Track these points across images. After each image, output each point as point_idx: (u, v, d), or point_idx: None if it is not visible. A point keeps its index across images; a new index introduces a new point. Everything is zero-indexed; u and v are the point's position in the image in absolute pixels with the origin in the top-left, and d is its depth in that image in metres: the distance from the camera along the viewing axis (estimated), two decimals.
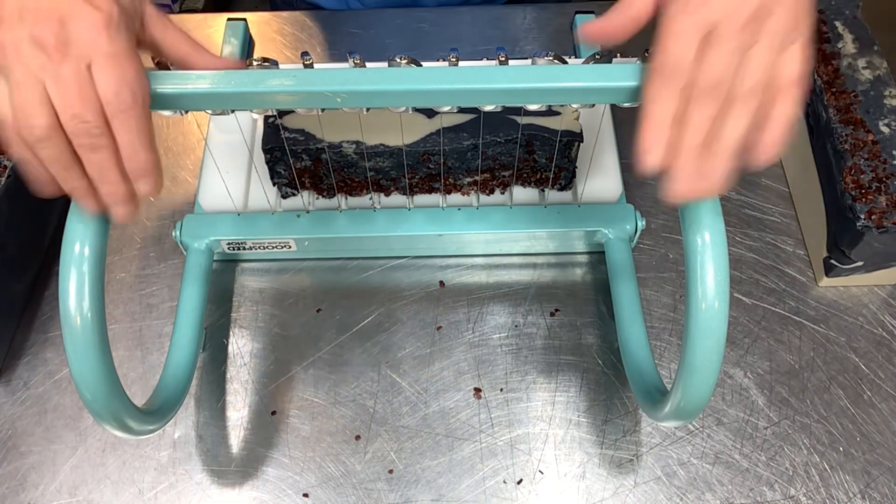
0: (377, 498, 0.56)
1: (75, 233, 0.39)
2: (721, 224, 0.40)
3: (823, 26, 0.69)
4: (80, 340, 0.39)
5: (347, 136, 0.61)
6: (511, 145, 0.61)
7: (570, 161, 0.63)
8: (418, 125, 0.62)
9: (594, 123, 0.68)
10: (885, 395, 0.61)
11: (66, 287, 0.38)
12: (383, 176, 0.64)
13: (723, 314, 0.40)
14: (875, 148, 0.61)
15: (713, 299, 0.40)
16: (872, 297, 0.66)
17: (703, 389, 0.43)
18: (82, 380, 0.41)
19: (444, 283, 0.66)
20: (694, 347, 0.41)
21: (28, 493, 0.57)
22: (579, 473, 0.57)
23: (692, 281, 0.40)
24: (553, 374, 0.62)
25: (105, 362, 0.41)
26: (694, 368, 0.42)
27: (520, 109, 0.62)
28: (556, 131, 0.60)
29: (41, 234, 0.67)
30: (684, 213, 0.41)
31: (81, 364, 0.40)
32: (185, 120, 0.76)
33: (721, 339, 0.41)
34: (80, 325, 0.39)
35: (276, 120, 0.61)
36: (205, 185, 0.66)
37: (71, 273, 0.38)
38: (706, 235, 0.40)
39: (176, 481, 0.57)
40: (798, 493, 0.57)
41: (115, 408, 0.43)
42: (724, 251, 0.39)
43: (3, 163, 0.61)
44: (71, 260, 0.38)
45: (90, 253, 0.39)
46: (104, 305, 0.40)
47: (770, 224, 0.70)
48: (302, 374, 0.62)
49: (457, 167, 0.63)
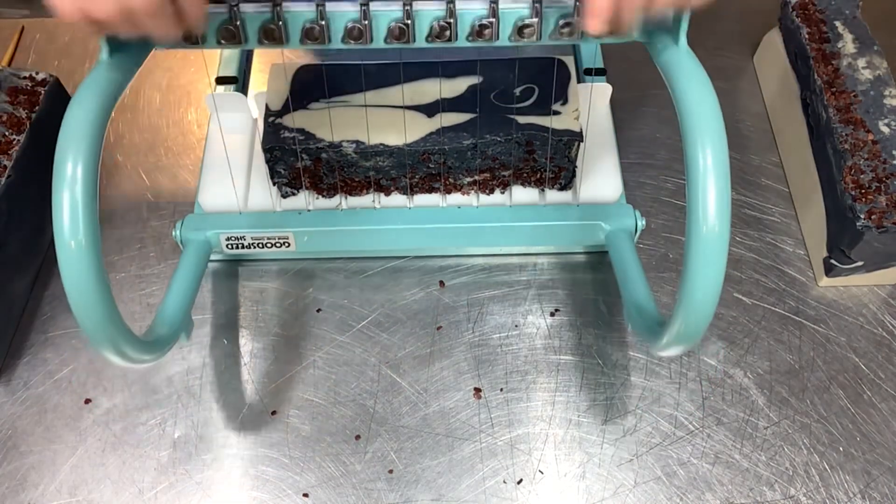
0: (377, 498, 0.56)
1: (66, 153, 0.38)
2: (724, 144, 0.39)
3: (823, 26, 0.69)
4: (76, 265, 0.38)
5: (347, 136, 0.61)
6: (511, 145, 0.61)
7: (570, 161, 0.63)
8: (418, 124, 0.62)
9: (594, 123, 0.68)
10: (885, 395, 0.61)
11: (60, 211, 0.37)
12: (383, 176, 0.64)
13: (724, 237, 0.39)
14: (875, 148, 0.61)
15: (714, 222, 0.39)
16: (872, 297, 0.66)
17: (703, 313, 0.42)
18: (79, 305, 0.40)
19: (443, 283, 0.66)
20: (695, 271, 0.41)
21: (28, 493, 0.57)
22: (579, 473, 0.57)
23: (693, 203, 0.39)
24: (553, 374, 0.62)
25: (101, 287, 0.40)
26: (695, 292, 0.41)
27: (520, 109, 0.62)
28: (557, 131, 0.60)
29: (41, 234, 0.67)
30: (686, 132, 0.40)
31: (77, 289, 0.39)
32: (185, 120, 0.76)
33: (721, 263, 0.40)
34: (75, 248, 0.38)
35: (275, 119, 0.62)
36: (205, 185, 0.66)
37: (64, 196, 0.37)
38: (708, 156, 0.39)
39: (176, 481, 0.57)
40: (798, 493, 0.57)
41: (111, 333, 0.42)
42: (725, 172, 0.39)
43: (3, 163, 0.61)
44: (63, 182, 0.37)
45: (82, 174, 0.38)
46: (98, 228, 0.39)
47: (770, 224, 0.70)
48: (302, 374, 0.62)
49: (457, 167, 0.63)
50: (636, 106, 0.76)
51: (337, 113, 0.62)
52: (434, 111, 0.62)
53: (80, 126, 0.39)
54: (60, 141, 0.39)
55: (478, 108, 0.62)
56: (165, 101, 0.78)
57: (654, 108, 0.77)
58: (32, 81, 0.67)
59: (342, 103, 0.63)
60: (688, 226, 0.40)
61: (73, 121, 0.39)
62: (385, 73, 0.65)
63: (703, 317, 0.43)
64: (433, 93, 0.63)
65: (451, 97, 0.63)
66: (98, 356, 0.62)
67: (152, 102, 0.78)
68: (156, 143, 0.75)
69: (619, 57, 0.74)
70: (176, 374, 0.62)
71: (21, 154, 0.62)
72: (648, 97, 0.77)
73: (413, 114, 0.62)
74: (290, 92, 0.63)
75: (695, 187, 0.39)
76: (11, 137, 0.63)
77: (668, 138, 0.75)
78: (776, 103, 0.76)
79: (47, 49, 0.82)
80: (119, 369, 0.62)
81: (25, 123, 0.64)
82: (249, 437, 0.59)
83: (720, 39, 0.83)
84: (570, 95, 0.63)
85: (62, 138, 0.39)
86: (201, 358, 0.62)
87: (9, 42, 0.82)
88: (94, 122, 0.40)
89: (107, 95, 0.41)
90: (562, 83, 0.64)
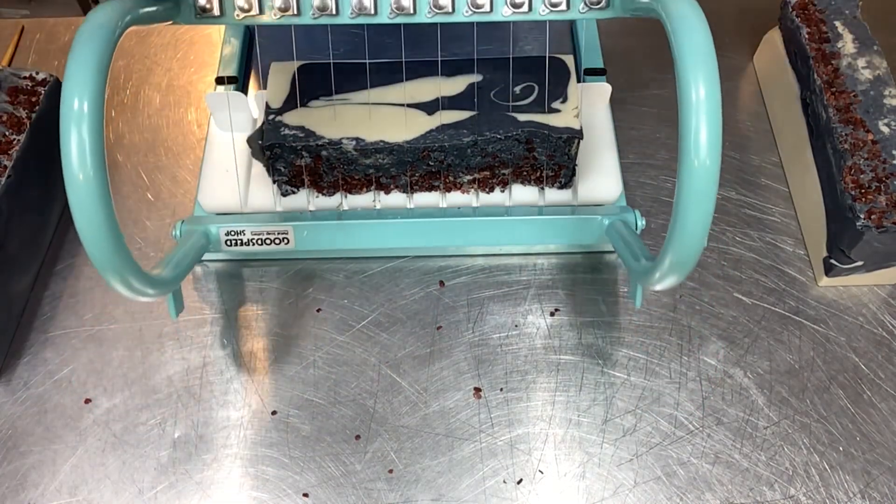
0: (377, 498, 0.56)
1: (73, 91, 0.39)
2: (716, 80, 0.40)
3: (823, 26, 0.69)
4: (84, 197, 0.40)
5: (348, 133, 0.61)
6: (511, 142, 0.61)
7: (571, 158, 0.63)
8: (418, 122, 0.62)
9: (594, 124, 0.68)
10: (885, 395, 0.61)
11: (68, 146, 0.39)
12: (383, 173, 0.64)
13: (714, 171, 0.40)
14: (875, 148, 0.61)
15: (705, 157, 0.40)
16: (872, 297, 0.66)
17: (694, 243, 0.44)
18: (87, 235, 0.42)
19: (443, 283, 0.66)
20: (686, 203, 0.42)
21: (28, 493, 0.57)
22: (579, 473, 0.57)
23: (686, 138, 0.40)
24: (553, 374, 0.62)
25: (108, 217, 0.41)
26: (686, 223, 0.43)
27: (520, 107, 0.62)
28: (557, 128, 0.60)
29: (41, 234, 0.67)
30: (679, 67, 0.41)
31: (86, 219, 0.41)
32: (185, 120, 0.76)
33: (712, 195, 0.41)
34: (83, 181, 0.40)
35: (276, 117, 0.62)
36: (205, 185, 0.66)
37: (71, 133, 0.39)
38: (701, 90, 0.40)
39: (176, 481, 0.57)
40: (798, 492, 0.57)
41: (117, 263, 0.44)
42: (717, 108, 0.39)
43: (3, 163, 0.61)
44: (71, 119, 0.39)
45: (89, 110, 0.39)
46: (105, 163, 0.40)
47: (770, 224, 0.70)
48: (302, 374, 0.62)
49: (457, 164, 0.63)
50: (636, 106, 0.76)
51: (337, 110, 0.62)
52: (434, 109, 0.63)
53: (86, 64, 0.40)
54: (66, 79, 0.39)
55: (478, 107, 0.62)
56: (165, 101, 0.78)
57: (654, 108, 0.77)
58: (32, 81, 0.67)
59: (342, 101, 0.63)
60: (679, 160, 0.41)
61: (79, 58, 0.40)
62: (385, 72, 0.65)
63: (694, 247, 0.44)
64: (433, 91, 0.64)
65: (451, 95, 0.63)
66: (98, 356, 0.63)
67: (152, 102, 0.78)
68: (156, 143, 0.75)
69: (619, 57, 0.74)
70: (176, 374, 0.62)
71: (21, 154, 0.62)
72: (648, 97, 0.77)
73: (413, 111, 0.62)
74: (290, 91, 0.64)
75: (687, 123, 0.40)
76: (11, 137, 0.63)
77: (669, 138, 0.75)
78: (776, 103, 0.76)
79: (47, 49, 0.82)
80: (119, 369, 0.62)
81: (25, 123, 0.64)
82: (249, 437, 0.59)
83: (720, 39, 0.82)
84: (570, 94, 0.63)
85: (68, 77, 0.39)
86: (201, 358, 0.62)
87: (9, 42, 0.82)
88: (98, 60, 0.40)
89: (110, 32, 0.42)
90: (561, 81, 0.64)
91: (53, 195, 0.69)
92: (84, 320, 0.64)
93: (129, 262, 0.45)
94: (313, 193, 0.65)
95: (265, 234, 0.64)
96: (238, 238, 0.64)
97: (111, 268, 0.44)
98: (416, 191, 0.66)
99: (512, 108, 0.62)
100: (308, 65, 0.65)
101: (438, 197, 0.66)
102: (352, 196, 0.66)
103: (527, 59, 0.65)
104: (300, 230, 0.64)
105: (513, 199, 0.66)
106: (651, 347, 0.63)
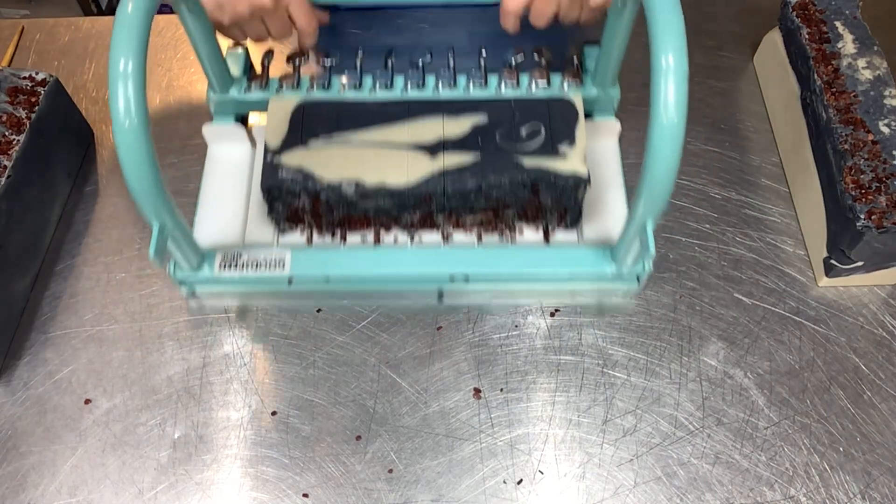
0: (377, 498, 0.56)
1: (119, 52, 0.45)
2: (684, 47, 0.45)
3: (823, 26, 0.69)
4: (130, 141, 0.46)
5: (347, 176, 0.60)
6: (516, 187, 0.60)
7: (577, 202, 0.62)
8: (420, 164, 0.60)
9: (602, 161, 0.67)
10: (885, 395, 0.61)
11: (116, 100, 0.45)
12: (384, 214, 0.62)
13: (681, 127, 0.46)
14: (875, 148, 0.61)
15: (673, 114, 0.45)
16: (872, 297, 0.66)
17: (662, 191, 0.49)
18: (132, 174, 0.48)
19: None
20: (655, 153, 0.47)
21: (28, 493, 0.57)
22: (579, 473, 0.57)
23: (655, 98, 0.45)
24: (553, 374, 0.62)
25: (150, 159, 0.48)
26: (655, 171, 0.48)
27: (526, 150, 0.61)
28: (563, 175, 0.59)
29: (41, 234, 0.67)
30: (653, 38, 0.45)
31: (130, 160, 0.47)
32: (185, 119, 0.76)
33: (678, 148, 0.46)
34: (129, 127, 0.46)
35: (274, 158, 0.60)
36: (201, 221, 0.65)
37: (119, 88, 0.45)
38: (670, 58, 0.44)
39: (176, 481, 0.57)
40: (798, 493, 0.57)
41: (154, 196, 0.50)
42: (684, 72, 0.45)
43: (3, 163, 0.61)
44: (118, 77, 0.45)
45: (133, 69, 0.45)
46: (146, 112, 0.46)
47: (770, 224, 0.70)
48: (302, 374, 0.62)
49: (459, 207, 0.61)
50: (636, 106, 0.76)
51: (337, 152, 0.61)
52: (437, 151, 0.61)
53: (130, 27, 0.45)
54: (113, 42, 0.45)
55: (482, 150, 0.61)
56: (165, 101, 0.78)
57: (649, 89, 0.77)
58: (32, 81, 0.67)
59: (342, 142, 0.61)
60: (650, 118, 0.46)
61: (123, 22, 0.45)
62: (387, 111, 0.63)
63: (662, 193, 0.50)
64: (436, 132, 0.62)
65: (455, 137, 0.62)
66: (98, 356, 0.63)
67: (152, 102, 0.78)
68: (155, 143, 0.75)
69: None
70: (176, 374, 0.62)
71: (21, 154, 0.62)
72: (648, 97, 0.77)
73: (415, 153, 0.61)
74: (289, 128, 0.62)
75: (657, 85, 0.45)
76: (11, 137, 0.63)
77: None
78: (776, 103, 0.76)
79: (47, 49, 0.82)
80: (119, 369, 0.62)
81: (25, 123, 0.64)
82: (249, 437, 0.59)
83: (720, 39, 0.83)
84: (578, 136, 0.61)
85: (115, 39, 0.45)
86: (201, 358, 0.62)
87: (9, 42, 0.82)
88: (140, 23, 0.46)
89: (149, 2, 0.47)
90: (568, 123, 0.62)
91: (53, 195, 0.69)
92: (84, 320, 0.64)
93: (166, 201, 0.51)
94: (312, 232, 0.65)
95: (261, 259, 0.61)
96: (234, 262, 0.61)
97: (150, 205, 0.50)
98: (417, 230, 0.64)
99: (517, 152, 0.61)
100: (307, 103, 0.64)
101: (440, 238, 0.65)
102: (351, 235, 0.64)
103: (533, 100, 0.63)
104: (297, 259, 0.61)
105: (516, 240, 0.65)
106: (651, 348, 0.63)
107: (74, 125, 0.72)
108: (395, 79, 0.68)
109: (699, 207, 0.71)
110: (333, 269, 0.61)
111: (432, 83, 0.68)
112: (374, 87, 0.67)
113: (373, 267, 0.61)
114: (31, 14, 1.68)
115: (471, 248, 0.63)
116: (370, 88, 0.67)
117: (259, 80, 0.68)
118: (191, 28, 0.59)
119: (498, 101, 0.64)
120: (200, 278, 0.61)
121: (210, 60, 0.64)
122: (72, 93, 0.73)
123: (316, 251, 0.62)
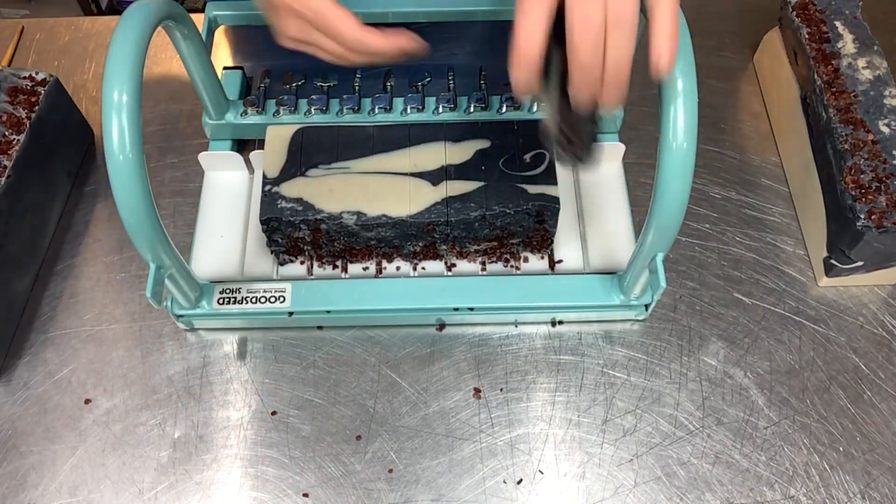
0: (377, 498, 0.56)
1: (112, 83, 0.44)
2: (693, 72, 0.44)
3: (823, 26, 0.69)
4: (123, 174, 0.45)
5: (348, 206, 0.59)
6: (521, 215, 0.59)
7: None
8: (423, 193, 0.59)
9: (606, 185, 0.67)
10: (885, 395, 0.61)
11: (109, 132, 0.44)
12: (386, 244, 0.61)
13: (691, 153, 0.45)
14: (875, 148, 0.61)
15: (683, 140, 0.44)
16: (872, 297, 0.66)
17: (672, 219, 0.49)
18: (125, 208, 0.47)
19: None
20: (665, 181, 0.47)
21: (28, 493, 0.57)
22: (579, 473, 0.57)
23: (665, 124, 0.45)
24: (553, 375, 0.62)
25: (144, 193, 0.47)
26: (665, 199, 0.47)
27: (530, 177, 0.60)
28: None
29: (41, 234, 0.67)
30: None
31: (124, 193, 0.46)
32: (184, 119, 0.76)
33: (688, 175, 0.46)
34: (123, 161, 0.45)
35: (272, 188, 0.59)
36: (198, 251, 0.65)
37: (112, 120, 0.44)
38: (679, 83, 0.44)
39: (176, 481, 0.57)
40: (798, 493, 0.57)
41: (151, 235, 0.49)
42: (693, 98, 0.44)
43: (3, 163, 0.61)
44: (111, 108, 0.44)
45: (127, 100, 0.44)
46: (141, 144, 0.45)
47: (770, 224, 0.70)
48: (302, 374, 0.62)
49: (463, 236, 0.61)
50: (636, 106, 0.76)
51: (337, 181, 0.60)
52: (439, 179, 0.60)
53: (123, 59, 0.44)
54: (106, 74, 0.44)
55: (485, 176, 0.60)
56: (165, 101, 0.78)
57: (653, 108, 0.77)
58: (32, 81, 0.67)
59: (342, 170, 0.60)
60: (660, 144, 0.45)
61: (117, 54, 0.44)
62: (387, 136, 0.62)
63: (672, 224, 0.49)
64: (439, 158, 0.61)
65: (457, 163, 0.61)
66: (98, 356, 0.63)
67: (152, 102, 0.78)
68: (155, 142, 0.75)
69: None
70: (176, 374, 0.62)
71: (21, 154, 0.62)
72: (649, 98, 0.77)
73: (417, 181, 0.60)
74: (288, 157, 0.61)
75: (667, 111, 0.44)
76: (11, 137, 0.63)
77: None
78: (776, 103, 0.76)
79: (47, 49, 0.82)
80: (119, 369, 0.62)
81: (25, 123, 0.64)
82: (249, 437, 0.59)
83: (720, 39, 0.83)
84: None
85: (108, 71, 0.44)
86: (201, 358, 0.62)
87: (9, 42, 0.82)
88: (135, 54, 0.45)
89: (145, 27, 0.46)
90: None
91: (53, 195, 0.69)
92: (84, 320, 0.64)
93: (161, 236, 0.50)
94: (313, 262, 0.64)
95: (261, 291, 0.60)
96: (232, 297, 0.61)
97: (144, 239, 0.49)
98: (420, 259, 0.64)
99: (521, 179, 0.60)
100: (305, 129, 0.62)
101: (443, 265, 0.64)
102: (352, 265, 0.64)
103: (538, 124, 0.61)
104: (298, 291, 0.61)
105: (521, 268, 0.64)
106: (651, 347, 0.63)
107: (74, 125, 0.72)
108: (395, 101, 0.68)
109: (699, 207, 0.71)
110: (334, 304, 0.60)
111: (432, 105, 0.68)
112: (373, 110, 0.68)
113: (374, 300, 0.60)
114: (31, 14, 1.68)
115: (475, 279, 0.62)
116: (369, 111, 0.68)
117: (255, 106, 0.68)
118: (185, 53, 0.58)
119: (500, 124, 0.63)
120: (199, 314, 0.60)
121: (205, 85, 0.63)
122: (72, 93, 0.73)
123: (316, 284, 0.61)
